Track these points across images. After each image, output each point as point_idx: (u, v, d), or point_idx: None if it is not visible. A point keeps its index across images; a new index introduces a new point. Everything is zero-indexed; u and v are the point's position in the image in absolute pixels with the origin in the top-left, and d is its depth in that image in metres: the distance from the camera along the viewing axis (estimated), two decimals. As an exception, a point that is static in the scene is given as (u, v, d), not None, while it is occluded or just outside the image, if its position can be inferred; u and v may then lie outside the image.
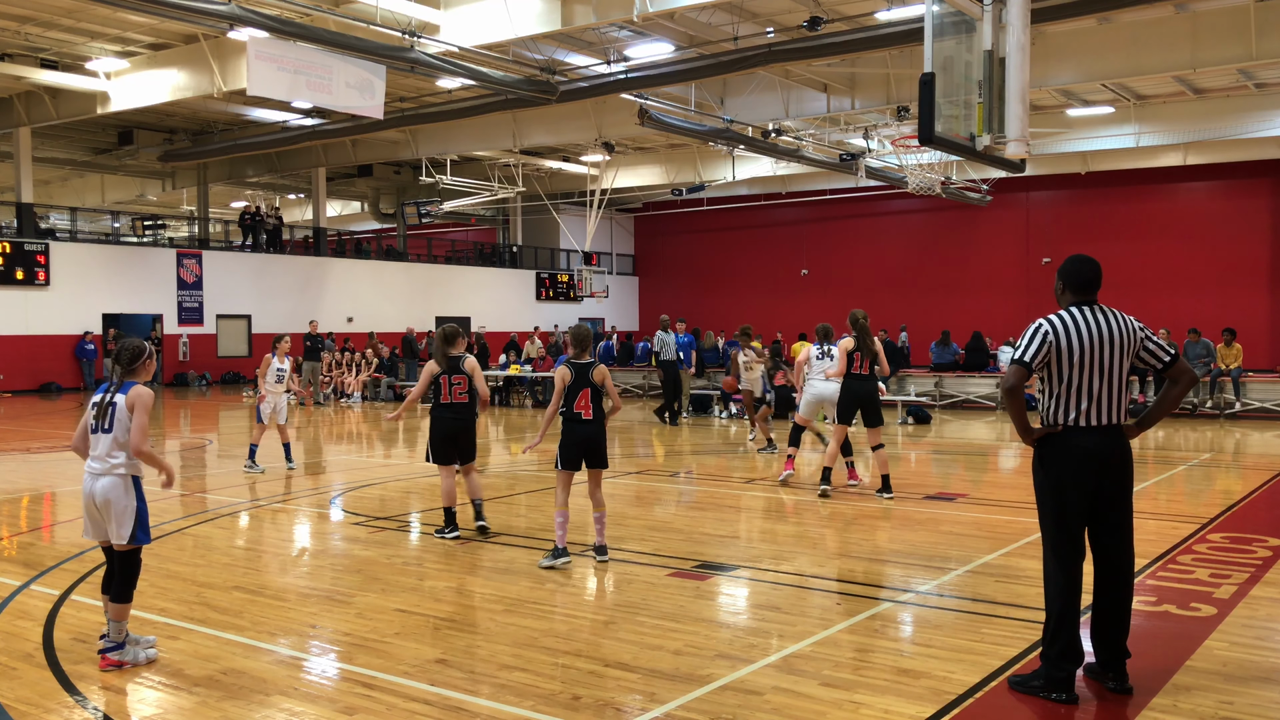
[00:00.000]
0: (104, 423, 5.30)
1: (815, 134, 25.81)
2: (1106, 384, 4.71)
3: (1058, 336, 4.70)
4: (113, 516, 5.28)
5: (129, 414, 5.27)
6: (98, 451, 5.31)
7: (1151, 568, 7.21)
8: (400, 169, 35.60)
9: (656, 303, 41.11)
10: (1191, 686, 4.86)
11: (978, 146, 8.68)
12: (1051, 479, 4.77)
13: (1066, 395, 4.72)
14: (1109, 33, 19.38)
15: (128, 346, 5.43)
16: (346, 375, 25.57)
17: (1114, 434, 4.76)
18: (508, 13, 17.13)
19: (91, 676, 5.11)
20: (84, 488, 5.37)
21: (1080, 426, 4.71)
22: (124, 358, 5.38)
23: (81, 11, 18.66)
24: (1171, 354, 4.81)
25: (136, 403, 5.27)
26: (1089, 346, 4.69)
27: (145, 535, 5.43)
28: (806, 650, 5.45)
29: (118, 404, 5.29)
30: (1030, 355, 4.70)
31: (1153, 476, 12.38)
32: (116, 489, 5.28)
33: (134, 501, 5.35)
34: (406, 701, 4.75)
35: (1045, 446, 4.80)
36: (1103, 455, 4.72)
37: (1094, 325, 4.72)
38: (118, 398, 5.31)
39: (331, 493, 10.97)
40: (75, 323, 26.99)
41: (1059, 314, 4.79)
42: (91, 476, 5.32)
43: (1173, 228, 31.51)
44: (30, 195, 27.08)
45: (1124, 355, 4.74)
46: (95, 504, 5.30)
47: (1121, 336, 4.73)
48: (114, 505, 5.27)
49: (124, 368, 5.37)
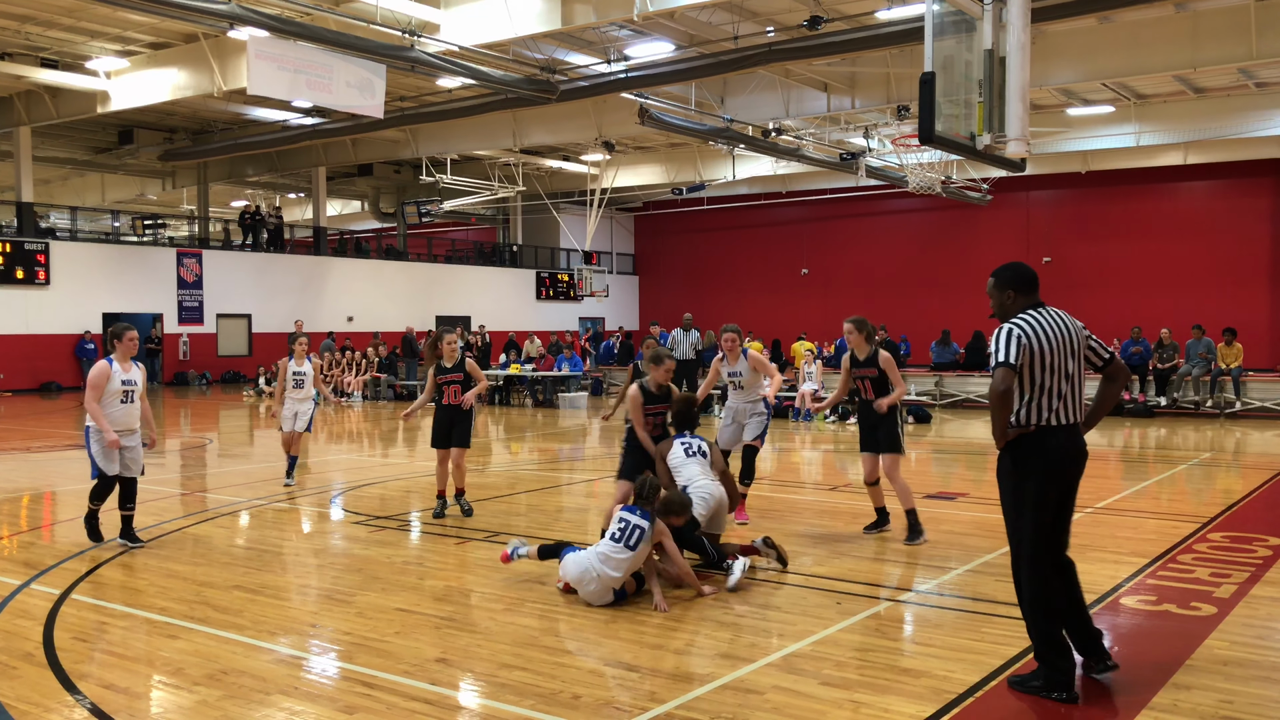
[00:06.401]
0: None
1: (815, 133, 25.81)
2: (1070, 383, 4.82)
3: (1030, 339, 4.76)
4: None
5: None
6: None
7: (1152, 567, 7.22)
8: (400, 168, 35.60)
9: (657, 302, 41.10)
10: (1192, 685, 4.86)
11: (978, 146, 8.68)
12: (1029, 479, 4.79)
13: (1039, 396, 4.77)
14: (1109, 32, 19.37)
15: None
16: (347, 374, 25.57)
17: (1077, 432, 4.89)
18: (508, 12, 17.12)
19: (92, 676, 5.11)
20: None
21: (1053, 425, 4.78)
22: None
23: (82, 11, 18.65)
24: (1109, 353, 5.00)
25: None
26: (1055, 347, 4.79)
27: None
28: (807, 649, 5.45)
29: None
30: (1013, 357, 4.72)
31: (1153, 475, 12.38)
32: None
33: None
34: (407, 701, 4.74)
35: (1019, 448, 4.82)
36: (1072, 453, 4.84)
37: (1053, 326, 4.82)
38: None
39: (332, 492, 10.97)
40: (75, 322, 26.99)
41: (1024, 317, 4.83)
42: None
43: (1173, 227, 31.50)
44: (30, 194, 27.08)
45: (1078, 354, 4.88)
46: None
47: (1074, 336, 4.87)
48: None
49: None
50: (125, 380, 7.93)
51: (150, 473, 12.38)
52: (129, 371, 7.98)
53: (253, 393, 25.49)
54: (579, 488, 11.69)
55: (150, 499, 10.13)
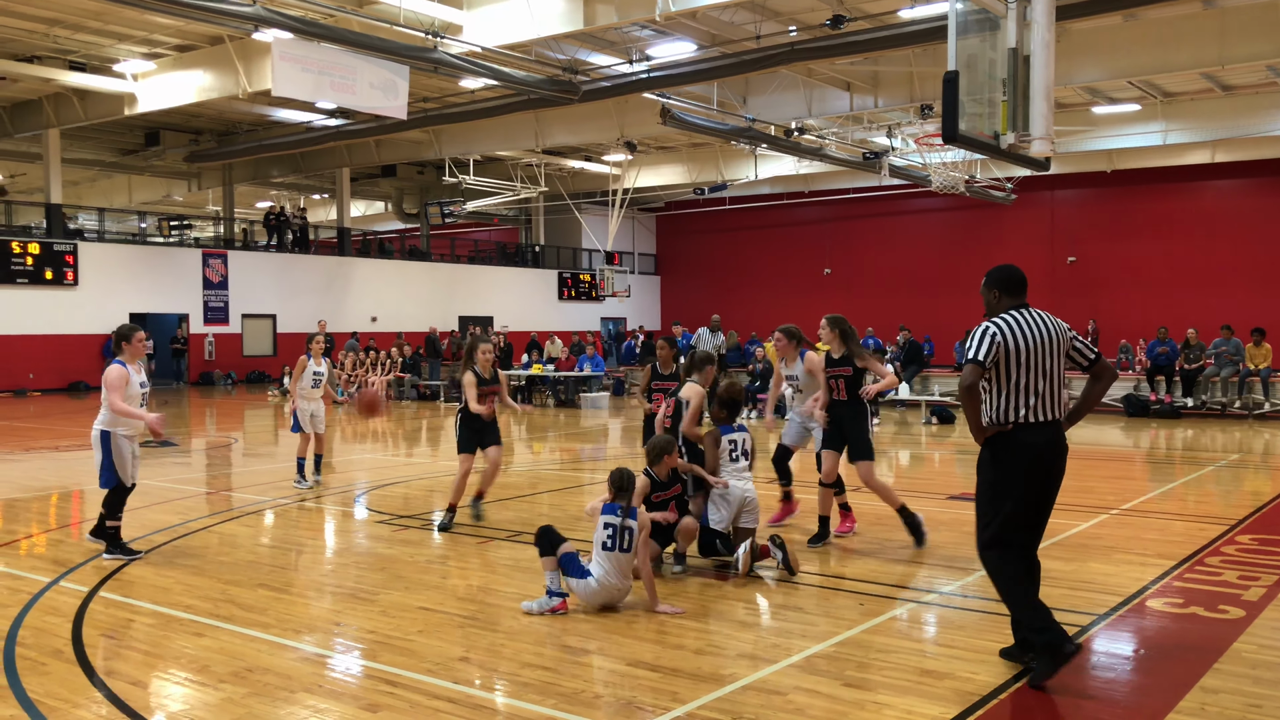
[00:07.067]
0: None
1: (838, 132, 25.72)
2: (1048, 382, 4.96)
3: (1005, 338, 4.94)
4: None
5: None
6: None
7: (1179, 569, 7.15)
8: (424, 169, 35.76)
9: (679, 302, 41.08)
10: (1219, 689, 4.82)
11: (1002, 145, 8.63)
12: (1006, 473, 4.96)
13: (1015, 394, 4.93)
14: (1135, 29, 19.20)
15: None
16: (371, 374, 25.72)
17: (1056, 429, 5.02)
18: (530, 13, 17.17)
19: (119, 673, 5.17)
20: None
21: (1029, 423, 4.93)
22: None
23: (109, 14, 18.85)
24: (1095, 354, 5.14)
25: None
26: (1033, 347, 4.94)
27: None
28: (829, 650, 5.43)
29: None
30: (983, 355, 4.92)
31: (1180, 477, 12.27)
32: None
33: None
34: (430, 699, 4.77)
35: (996, 444, 5.00)
36: (1050, 449, 4.97)
37: (1033, 327, 4.98)
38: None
39: (355, 491, 11.04)
40: (103, 322, 27.25)
41: (1002, 317, 5.03)
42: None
43: (1200, 226, 31.18)
44: (59, 196, 27.41)
45: (1060, 354, 5.03)
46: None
47: (1056, 337, 5.02)
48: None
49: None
50: (141, 383, 7.54)
51: (176, 472, 12.52)
52: (140, 374, 7.59)
53: (277, 392, 25.66)
54: (600, 488, 11.67)
55: (176, 498, 10.23)
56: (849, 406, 7.96)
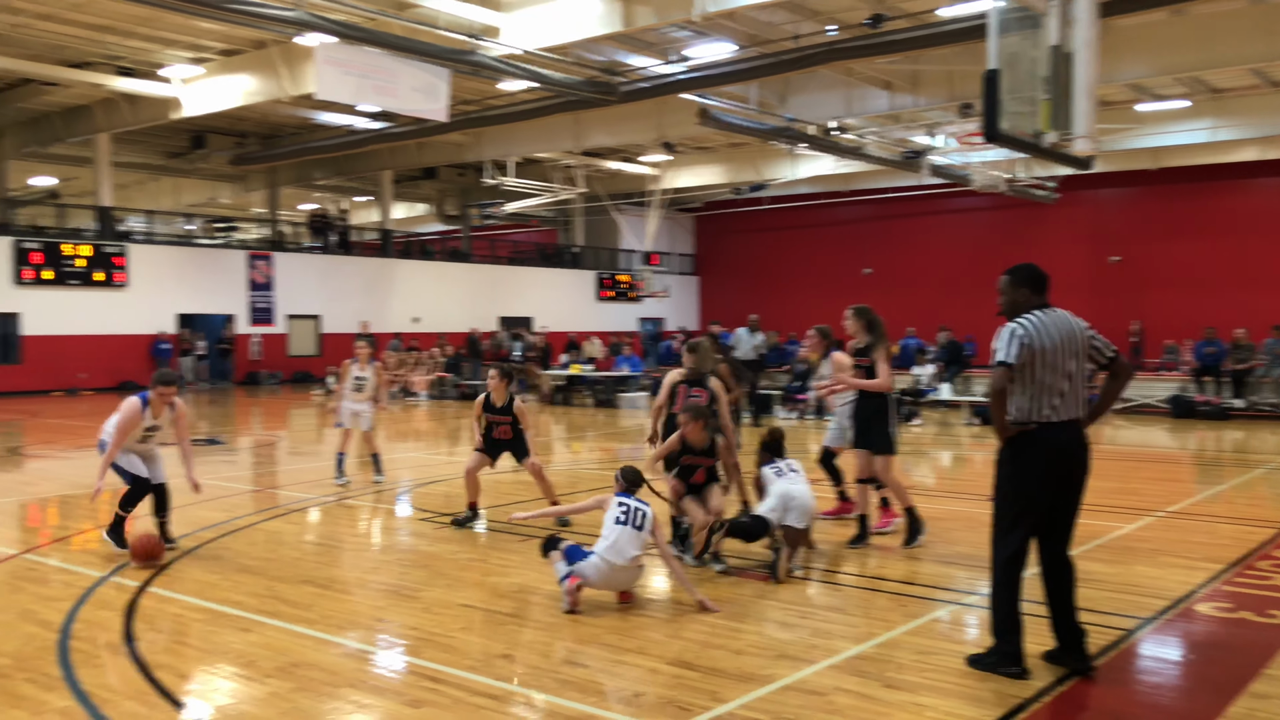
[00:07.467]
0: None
1: (878, 132, 25.55)
2: (1069, 381, 4.99)
3: (1032, 339, 4.95)
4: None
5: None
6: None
7: (1228, 573, 7.05)
8: (464, 171, 35.99)
9: (717, 302, 40.99)
10: (1269, 694, 4.75)
11: (1044, 144, 8.57)
12: (1027, 472, 4.99)
13: (1040, 394, 4.96)
14: (1181, 25, 18.90)
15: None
16: (413, 374, 25.95)
17: (1078, 428, 5.05)
18: (569, 15, 17.25)
19: (168, 666, 5.27)
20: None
21: (1053, 422, 4.97)
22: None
23: (157, 20, 19.18)
24: (1113, 352, 5.16)
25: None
26: (1057, 346, 4.97)
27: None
28: (870, 651, 5.42)
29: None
30: (1013, 357, 4.94)
31: (1230, 480, 12.07)
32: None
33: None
34: (472, 695, 4.82)
35: (1018, 442, 5.03)
36: (1073, 448, 5.01)
37: (1057, 326, 5.01)
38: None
39: (399, 489, 11.16)
40: (151, 323, 27.76)
41: (1028, 317, 5.02)
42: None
43: (1248, 224, 30.58)
44: (110, 199, 27.93)
45: (1081, 353, 5.05)
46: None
47: (1075, 336, 5.05)
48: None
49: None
50: (151, 426, 7.88)
51: (223, 469, 12.71)
52: (159, 417, 7.88)
53: (322, 392, 25.97)
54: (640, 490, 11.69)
55: (222, 495, 10.40)
56: (873, 399, 7.94)
